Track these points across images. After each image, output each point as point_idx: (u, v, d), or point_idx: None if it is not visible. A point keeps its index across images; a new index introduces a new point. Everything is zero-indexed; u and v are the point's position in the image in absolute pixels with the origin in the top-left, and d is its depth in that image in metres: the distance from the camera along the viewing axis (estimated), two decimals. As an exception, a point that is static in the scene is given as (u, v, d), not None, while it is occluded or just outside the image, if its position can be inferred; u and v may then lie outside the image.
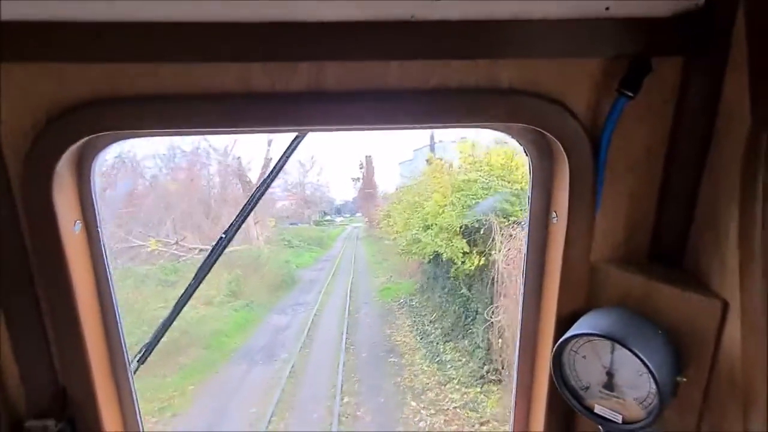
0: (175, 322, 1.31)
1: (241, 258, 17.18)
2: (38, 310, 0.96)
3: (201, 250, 13.65)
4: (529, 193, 1.10)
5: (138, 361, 1.23)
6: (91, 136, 0.91)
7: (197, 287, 1.32)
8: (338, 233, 42.99)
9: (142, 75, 0.88)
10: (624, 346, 0.85)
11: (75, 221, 0.98)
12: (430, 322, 12.87)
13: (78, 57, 0.83)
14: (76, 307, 0.97)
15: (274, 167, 1.37)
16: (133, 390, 1.15)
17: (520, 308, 1.18)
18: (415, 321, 13.65)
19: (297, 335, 13.14)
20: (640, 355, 0.83)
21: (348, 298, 16.67)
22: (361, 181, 39.16)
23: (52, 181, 0.89)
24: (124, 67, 0.87)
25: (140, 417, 1.18)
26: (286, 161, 1.32)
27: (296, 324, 14.11)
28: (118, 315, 1.09)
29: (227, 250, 1.37)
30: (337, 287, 18.74)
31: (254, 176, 19.50)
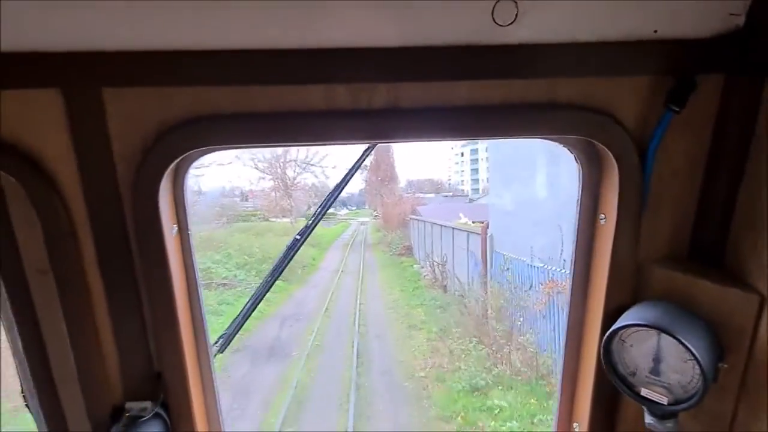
0: None
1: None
2: (139, 303, 1.00)
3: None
4: (578, 197, 1.11)
5: (218, 350, 1.28)
6: (192, 151, 0.95)
7: (273, 283, 1.37)
8: (336, 234, 29.24)
9: (238, 96, 0.92)
10: (671, 335, 0.87)
11: (172, 225, 1.03)
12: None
13: (181, 81, 0.89)
14: (174, 301, 1.01)
15: (345, 175, 1.41)
16: (214, 374, 1.18)
17: (568, 302, 1.20)
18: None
19: None
20: (686, 343, 0.85)
21: None
22: (369, 168, 31.58)
23: (159, 191, 0.94)
24: (222, 89, 0.92)
25: (219, 398, 1.20)
26: (357, 169, 1.38)
27: None
28: (203, 308, 1.13)
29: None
30: None
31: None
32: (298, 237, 1.32)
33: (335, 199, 1.42)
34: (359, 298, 12.33)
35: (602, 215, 1.06)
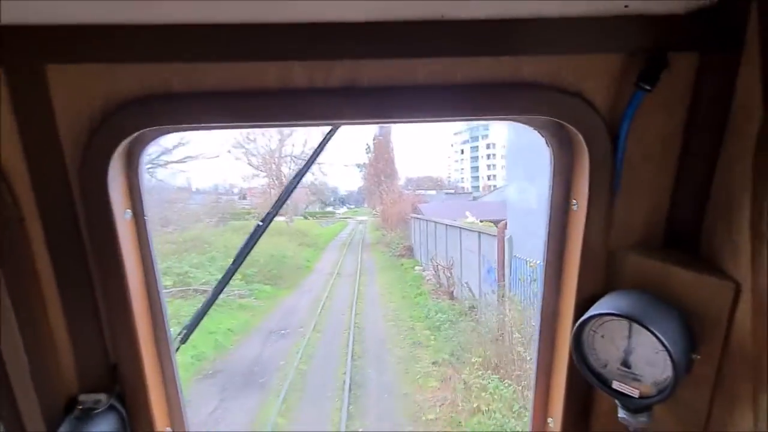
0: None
1: None
2: (92, 291, 0.97)
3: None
4: (550, 183, 1.07)
5: (180, 341, 1.21)
6: (142, 131, 0.93)
7: (235, 272, 1.29)
8: (333, 234, 28.00)
9: (189, 73, 0.88)
10: (641, 325, 0.84)
11: (125, 210, 0.99)
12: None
13: (129, 57, 0.85)
14: (127, 289, 0.98)
15: (307, 161, 1.38)
16: (175, 367, 1.13)
17: (541, 292, 1.17)
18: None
19: None
20: (657, 333, 0.82)
21: None
22: (367, 166, 31.11)
23: (108, 173, 0.91)
24: (173, 66, 0.88)
25: (181, 392, 1.15)
26: (319, 154, 1.33)
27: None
28: (162, 297, 1.09)
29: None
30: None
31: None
32: (261, 223, 1.26)
33: (298, 182, 1.34)
34: (355, 308, 10.83)
35: (574, 201, 1.02)
